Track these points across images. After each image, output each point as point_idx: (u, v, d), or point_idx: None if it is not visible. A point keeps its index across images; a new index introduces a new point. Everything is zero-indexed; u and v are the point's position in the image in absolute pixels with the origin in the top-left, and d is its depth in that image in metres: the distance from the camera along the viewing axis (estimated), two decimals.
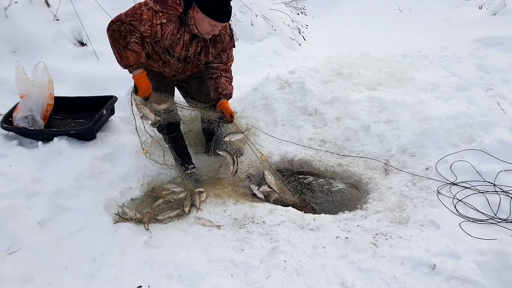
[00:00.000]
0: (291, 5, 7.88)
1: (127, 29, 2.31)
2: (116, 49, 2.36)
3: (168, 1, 2.35)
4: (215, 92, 2.73)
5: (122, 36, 2.31)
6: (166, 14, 2.34)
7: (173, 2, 2.35)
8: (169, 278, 2.01)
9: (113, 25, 2.33)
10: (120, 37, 2.31)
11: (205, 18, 2.32)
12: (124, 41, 2.32)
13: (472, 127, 2.99)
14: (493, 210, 2.33)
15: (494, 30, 5.42)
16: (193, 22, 2.38)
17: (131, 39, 2.32)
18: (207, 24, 2.34)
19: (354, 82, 3.92)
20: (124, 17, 2.31)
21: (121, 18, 2.32)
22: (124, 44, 2.32)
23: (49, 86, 3.11)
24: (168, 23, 2.36)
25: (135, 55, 2.35)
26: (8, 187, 2.47)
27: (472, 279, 1.87)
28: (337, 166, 3.02)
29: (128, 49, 2.33)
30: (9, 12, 3.96)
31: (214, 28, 2.40)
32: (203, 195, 2.65)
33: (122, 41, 2.32)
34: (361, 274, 1.97)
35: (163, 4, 2.34)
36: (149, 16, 2.31)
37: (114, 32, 2.32)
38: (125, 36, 2.31)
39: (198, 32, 2.42)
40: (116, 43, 2.34)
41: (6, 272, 1.97)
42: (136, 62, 2.38)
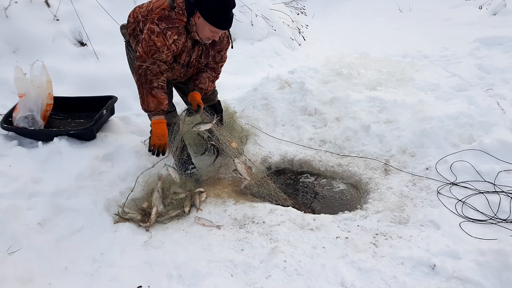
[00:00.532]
0: (291, 5, 7.88)
1: (153, 72, 2.34)
2: (140, 92, 2.42)
3: (171, 15, 2.34)
4: (193, 83, 2.73)
5: (148, 80, 2.36)
6: (174, 29, 2.33)
7: (176, 14, 2.34)
8: (169, 278, 2.01)
9: (139, 70, 2.36)
10: (146, 82, 2.36)
11: (206, 25, 2.32)
12: (149, 86, 2.37)
13: (472, 127, 2.99)
14: (493, 210, 2.33)
15: (494, 30, 5.42)
16: (194, 29, 2.38)
17: (157, 84, 2.37)
18: (208, 30, 2.35)
19: (354, 82, 3.92)
20: (145, 55, 2.33)
21: (143, 58, 2.34)
22: (148, 89, 2.37)
23: (48, 86, 3.11)
24: (179, 37, 2.36)
25: (156, 101, 2.39)
26: (8, 187, 2.47)
27: (472, 279, 1.87)
28: (337, 166, 3.02)
29: (152, 95, 2.38)
30: (9, 12, 3.96)
31: (215, 34, 2.41)
32: (203, 195, 2.65)
33: (147, 86, 2.37)
34: (361, 274, 1.97)
35: (167, 20, 2.32)
36: (162, 42, 2.31)
37: (141, 77, 2.36)
38: (151, 81, 2.36)
39: (199, 38, 2.43)
40: (142, 87, 2.39)
41: (6, 272, 1.97)
42: (156, 109, 2.42)
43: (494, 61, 4.32)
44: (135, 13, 2.54)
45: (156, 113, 2.45)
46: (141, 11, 2.49)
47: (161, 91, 2.39)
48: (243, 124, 3.41)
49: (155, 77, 2.36)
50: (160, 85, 2.38)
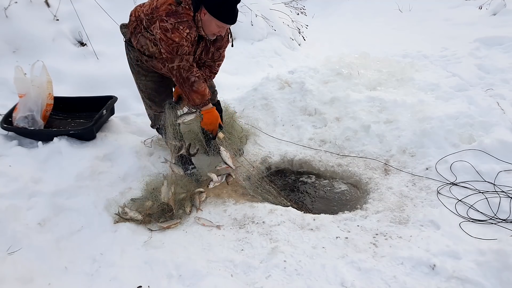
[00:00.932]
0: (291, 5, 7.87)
1: (186, 68, 2.38)
2: (184, 92, 2.49)
3: (178, 10, 2.34)
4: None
5: (185, 78, 2.40)
6: (184, 23, 2.33)
7: (183, 9, 2.34)
8: (169, 278, 2.01)
9: (173, 71, 2.41)
10: (184, 81, 2.41)
11: (213, 20, 2.32)
12: (189, 83, 2.42)
13: (472, 127, 2.99)
14: (493, 210, 2.33)
15: (494, 30, 5.42)
16: (200, 24, 2.38)
17: (193, 78, 2.41)
18: (214, 25, 2.36)
19: (354, 82, 3.92)
20: (170, 55, 2.35)
21: (171, 59, 2.37)
22: (189, 87, 2.43)
23: (48, 86, 3.11)
24: (191, 30, 2.36)
25: (199, 96, 2.46)
26: (8, 187, 2.48)
27: (472, 279, 1.87)
28: (337, 166, 3.02)
29: (193, 91, 2.44)
30: (9, 12, 3.96)
31: (221, 30, 2.41)
32: (203, 195, 2.65)
33: (187, 84, 2.42)
34: (361, 274, 1.97)
35: (175, 15, 2.32)
36: (178, 36, 2.32)
37: (178, 78, 2.42)
38: (188, 78, 2.40)
39: (204, 33, 2.43)
40: (183, 87, 2.45)
41: (6, 272, 1.97)
42: (202, 102, 2.49)
43: (494, 61, 4.32)
44: (136, 11, 2.54)
45: (204, 104, 2.51)
46: (143, 9, 2.49)
47: (200, 83, 2.44)
48: (243, 124, 3.41)
49: (189, 73, 2.40)
50: (197, 78, 2.42)
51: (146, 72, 2.66)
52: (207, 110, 2.55)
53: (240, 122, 3.41)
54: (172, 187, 2.52)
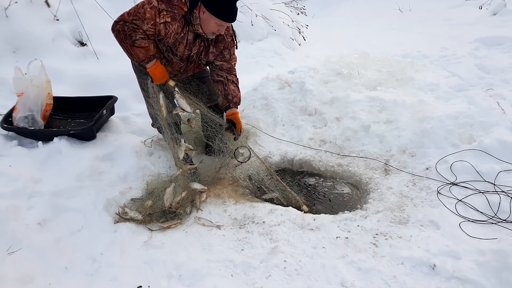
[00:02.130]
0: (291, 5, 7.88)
1: (131, 28, 2.33)
2: (124, 48, 2.41)
3: (173, 0, 2.35)
4: (224, 99, 2.74)
5: (127, 35, 2.34)
6: (170, 13, 2.34)
7: (178, 1, 2.35)
8: (169, 278, 2.01)
9: (116, 26, 2.35)
10: (126, 37, 2.35)
11: (212, 18, 2.32)
12: (130, 39, 2.35)
13: (472, 127, 2.99)
14: (493, 210, 2.33)
15: (494, 30, 5.42)
16: (198, 21, 2.38)
17: (136, 36, 2.35)
18: (213, 24, 2.35)
19: (354, 82, 3.92)
20: (127, 16, 2.33)
21: (123, 17, 2.34)
22: (130, 42, 2.36)
23: (47, 86, 3.11)
24: (172, 22, 2.36)
25: (143, 50, 2.39)
26: (8, 187, 2.47)
27: (472, 279, 1.87)
28: (337, 166, 3.02)
29: (136, 46, 2.37)
30: (9, 12, 3.96)
31: (220, 28, 2.41)
32: (203, 195, 2.65)
33: (128, 40, 2.35)
34: (361, 274, 1.97)
35: (168, 3, 2.34)
36: (152, 15, 2.32)
37: (119, 32, 2.36)
38: (130, 35, 2.34)
39: (203, 32, 2.42)
40: (123, 43, 2.38)
41: (6, 272, 1.97)
42: (147, 56, 2.42)
43: (494, 61, 4.32)
44: None
45: (149, 59, 2.45)
46: None
47: (143, 40, 2.37)
48: (243, 124, 3.41)
49: (133, 31, 2.34)
50: (140, 37, 2.36)
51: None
52: (154, 66, 2.47)
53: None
54: (179, 195, 2.51)
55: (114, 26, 2.37)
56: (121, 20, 2.34)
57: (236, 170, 2.88)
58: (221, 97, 2.75)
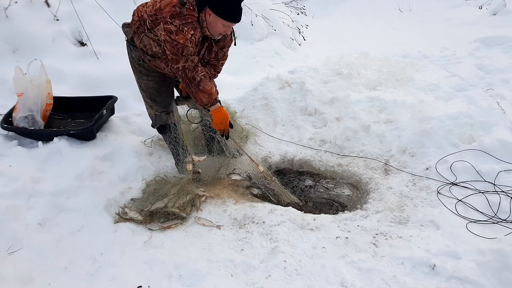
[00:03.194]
0: (291, 5, 7.88)
1: (190, 69, 2.37)
2: (191, 93, 2.48)
3: (183, 11, 2.33)
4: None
5: (191, 78, 2.39)
6: (189, 24, 2.33)
7: (187, 10, 2.34)
8: (169, 278, 2.01)
9: (178, 72, 2.41)
10: (190, 81, 2.40)
11: (219, 20, 2.33)
12: (195, 83, 2.40)
13: (472, 127, 2.99)
14: (493, 210, 2.33)
15: (494, 30, 5.42)
16: (205, 24, 2.38)
17: (199, 77, 2.39)
18: (220, 25, 2.36)
19: (354, 82, 3.92)
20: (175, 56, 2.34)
21: (176, 60, 2.36)
22: (195, 87, 2.41)
23: (47, 86, 3.11)
24: (195, 32, 2.36)
25: (206, 95, 2.44)
26: (8, 187, 2.47)
27: (472, 279, 1.87)
28: (337, 166, 3.02)
29: (200, 91, 2.42)
30: (9, 12, 3.96)
31: (227, 29, 2.42)
32: (203, 196, 2.64)
33: (193, 84, 2.40)
34: (361, 274, 1.97)
35: (180, 17, 2.32)
36: (183, 38, 2.31)
37: (184, 78, 2.41)
38: (194, 78, 2.39)
39: (210, 34, 2.43)
40: (189, 87, 2.44)
41: (6, 272, 1.97)
42: (209, 101, 2.47)
43: (494, 61, 4.32)
44: (139, 11, 2.53)
45: (211, 104, 2.50)
46: (146, 10, 2.48)
47: (206, 81, 2.42)
48: (243, 124, 3.42)
49: (195, 72, 2.39)
50: (202, 77, 2.41)
51: (148, 71, 2.66)
52: (216, 110, 2.52)
53: (240, 122, 3.41)
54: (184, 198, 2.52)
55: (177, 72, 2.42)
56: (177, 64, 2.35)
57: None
58: None
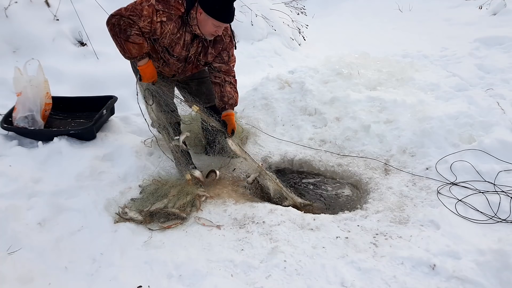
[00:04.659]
0: (291, 5, 7.89)
1: (126, 23, 2.30)
2: (117, 42, 2.37)
3: (170, 1, 2.34)
4: (220, 101, 2.73)
5: (122, 29, 2.31)
6: (166, 13, 2.34)
7: (175, 2, 2.35)
8: (169, 278, 2.01)
9: (112, 19, 2.33)
10: (120, 31, 2.32)
11: (209, 19, 2.31)
12: (125, 34, 2.32)
13: (472, 127, 2.99)
14: (493, 210, 2.33)
15: (494, 30, 5.42)
16: (195, 22, 2.37)
17: (131, 32, 2.32)
18: (210, 25, 2.34)
19: (354, 82, 3.92)
20: (124, 11, 2.31)
21: (120, 12, 2.32)
22: (124, 37, 2.33)
23: (45, 85, 3.11)
24: (168, 22, 2.36)
25: (137, 47, 2.36)
26: (8, 187, 2.48)
27: (472, 279, 1.87)
28: (337, 166, 3.02)
29: (130, 41, 2.33)
30: (9, 12, 3.96)
31: (218, 29, 2.40)
32: (203, 196, 2.64)
33: (123, 34, 2.32)
34: (361, 274, 1.97)
35: (165, 4, 2.34)
36: (149, 13, 2.31)
37: (114, 26, 2.32)
38: (125, 30, 2.32)
39: (200, 32, 2.42)
40: (117, 37, 2.35)
41: (6, 272, 1.97)
42: (139, 53, 2.39)
43: (494, 61, 4.32)
44: None
45: (141, 57, 2.42)
46: None
47: (137, 36, 2.35)
48: (243, 124, 3.42)
49: (128, 26, 2.31)
50: (135, 33, 2.33)
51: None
52: (146, 65, 2.44)
53: (240, 122, 3.41)
54: (184, 199, 2.52)
55: (109, 19, 2.34)
56: (117, 14, 2.32)
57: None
58: (217, 99, 2.75)
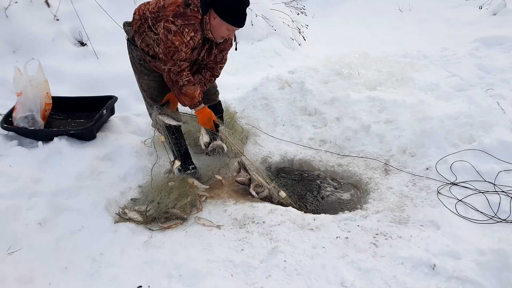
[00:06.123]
0: (291, 5, 7.87)
1: (175, 72, 2.41)
2: (176, 94, 2.53)
3: (186, 12, 2.33)
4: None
5: (174, 81, 2.44)
6: (190, 26, 2.33)
7: (191, 11, 2.34)
8: (169, 278, 2.01)
9: (164, 73, 2.46)
10: (173, 84, 2.45)
11: (224, 24, 2.33)
12: (177, 86, 2.45)
13: (472, 127, 2.99)
14: (493, 210, 2.33)
15: (494, 30, 5.42)
16: (208, 27, 2.39)
17: (182, 82, 2.43)
18: (224, 29, 2.37)
19: (354, 82, 3.92)
20: (165, 58, 2.37)
21: (165, 62, 2.39)
22: (178, 89, 2.46)
23: (45, 85, 3.11)
24: (196, 34, 2.36)
25: (188, 98, 2.49)
26: (8, 187, 2.48)
27: (472, 279, 1.87)
28: (337, 166, 3.02)
29: (182, 93, 2.46)
30: (9, 12, 3.96)
31: (230, 33, 2.44)
32: (203, 196, 2.64)
33: (176, 87, 2.46)
34: (361, 274, 1.97)
35: (183, 17, 2.32)
36: (179, 40, 2.32)
37: (168, 80, 2.47)
38: (177, 81, 2.43)
39: (212, 36, 2.44)
40: (172, 89, 2.51)
41: (6, 272, 1.97)
42: (192, 103, 2.53)
43: (494, 61, 4.32)
44: (140, 10, 2.53)
45: (194, 105, 2.54)
46: (148, 8, 2.47)
47: (189, 86, 2.46)
48: (243, 124, 3.42)
49: (178, 76, 2.42)
50: (186, 81, 2.44)
51: (148, 71, 2.66)
52: (201, 111, 2.59)
53: (240, 122, 3.41)
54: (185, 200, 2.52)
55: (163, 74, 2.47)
56: (165, 66, 2.40)
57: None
58: None
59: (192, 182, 2.63)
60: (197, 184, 2.66)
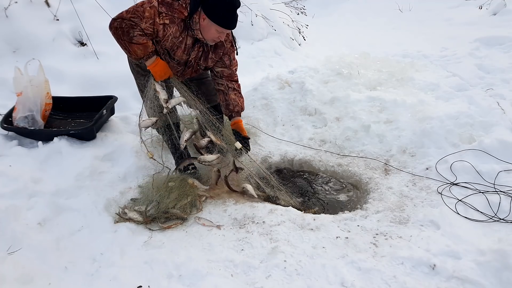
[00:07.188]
0: (291, 5, 7.88)
1: (128, 25, 2.31)
2: (122, 45, 2.39)
3: (174, 4, 2.34)
4: (226, 109, 2.74)
5: (125, 32, 2.32)
6: (169, 16, 2.34)
7: (179, 6, 2.34)
8: (169, 278, 2.01)
9: (114, 23, 2.34)
10: (123, 33, 2.33)
11: (213, 25, 2.32)
12: (128, 36, 2.33)
13: (472, 127, 2.99)
14: (493, 210, 2.33)
15: (494, 30, 5.42)
16: (198, 27, 2.38)
17: (134, 33, 2.32)
18: (214, 31, 2.35)
19: (354, 82, 3.92)
20: (125, 14, 2.32)
21: (121, 15, 2.33)
22: (128, 39, 2.33)
23: (45, 85, 3.11)
24: (171, 25, 2.36)
25: (141, 47, 2.36)
26: (8, 187, 2.47)
27: (472, 279, 1.87)
28: (337, 166, 3.02)
29: (133, 43, 2.34)
30: (9, 12, 3.96)
31: (221, 35, 2.40)
32: (203, 196, 2.64)
33: (126, 36, 2.33)
34: (361, 274, 1.97)
35: (168, 7, 2.33)
36: (151, 14, 2.31)
37: (117, 29, 2.33)
38: (128, 31, 2.32)
39: (202, 37, 2.42)
40: (121, 40, 2.36)
41: (6, 272, 1.97)
42: (145, 53, 2.40)
43: (494, 61, 4.32)
44: None
45: (147, 57, 2.42)
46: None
47: (141, 37, 2.34)
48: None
49: (130, 28, 2.31)
50: (138, 34, 2.33)
51: (145, 72, 2.66)
52: (154, 63, 2.44)
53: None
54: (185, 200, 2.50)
55: (111, 23, 2.35)
56: (119, 18, 2.32)
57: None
58: (223, 107, 2.76)
59: (192, 182, 2.63)
60: (197, 184, 2.66)
